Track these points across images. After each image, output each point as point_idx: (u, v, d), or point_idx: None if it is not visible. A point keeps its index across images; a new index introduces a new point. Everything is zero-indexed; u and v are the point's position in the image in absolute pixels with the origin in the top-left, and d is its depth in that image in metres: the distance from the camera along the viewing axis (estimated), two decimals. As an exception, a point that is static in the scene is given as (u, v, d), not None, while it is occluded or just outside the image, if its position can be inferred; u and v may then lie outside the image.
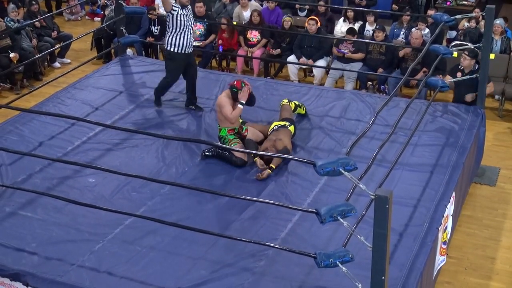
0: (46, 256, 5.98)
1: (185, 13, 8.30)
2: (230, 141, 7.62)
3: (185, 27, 8.30)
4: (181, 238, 6.18)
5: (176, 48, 8.37)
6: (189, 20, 8.35)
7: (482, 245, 7.62)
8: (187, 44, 8.38)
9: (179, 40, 8.33)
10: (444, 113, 8.68)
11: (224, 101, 7.57)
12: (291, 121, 7.99)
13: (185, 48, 8.38)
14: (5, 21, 11.92)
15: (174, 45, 8.35)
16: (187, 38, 8.35)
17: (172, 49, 8.39)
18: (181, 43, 8.34)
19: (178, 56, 8.43)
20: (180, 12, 8.25)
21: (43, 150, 7.77)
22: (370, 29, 11.98)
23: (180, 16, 8.24)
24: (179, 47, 8.36)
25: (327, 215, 4.76)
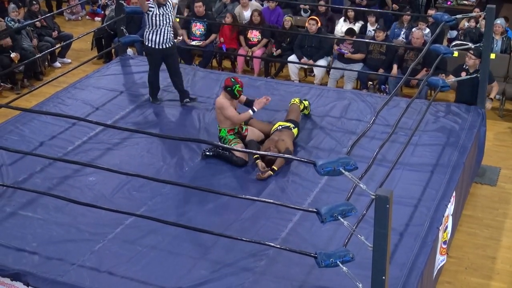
0: (46, 256, 5.98)
1: (161, 12, 8.56)
2: (230, 141, 7.62)
3: (161, 25, 8.59)
4: (182, 237, 6.18)
5: (152, 44, 8.68)
6: (166, 18, 8.60)
7: (482, 244, 7.61)
8: (164, 40, 8.67)
9: (155, 36, 8.65)
10: (445, 112, 8.68)
11: (224, 102, 7.57)
12: (296, 123, 7.99)
13: (161, 44, 8.67)
14: (5, 21, 11.93)
15: (151, 40, 8.68)
16: (163, 35, 8.65)
17: (150, 44, 8.72)
18: (157, 40, 8.65)
19: (155, 51, 8.73)
20: (156, 12, 8.54)
21: (44, 149, 7.77)
22: (371, 29, 11.97)
23: (156, 16, 8.54)
24: (155, 43, 8.67)
25: (328, 215, 4.76)
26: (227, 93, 7.64)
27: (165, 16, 8.58)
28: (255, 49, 12.04)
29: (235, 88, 7.62)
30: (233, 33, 12.20)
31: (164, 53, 8.74)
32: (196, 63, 12.31)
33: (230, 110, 7.55)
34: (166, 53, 8.77)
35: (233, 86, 7.61)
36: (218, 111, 7.66)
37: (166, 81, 9.65)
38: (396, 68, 10.98)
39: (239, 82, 7.68)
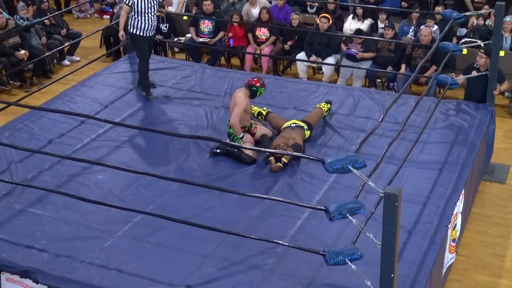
0: (55, 253, 6.00)
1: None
2: (240, 138, 7.63)
3: (145, 12, 8.64)
4: (190, 235, 6.18)
5: (139, 31, 8.75)
6: (150, 5, 8.65)
7: (491, 243, 7.59)
8: (148, 28, 8.76)
9: (141, 23, 8.71)
10: (454, 110, 8.66)
11: (242, 100, 7.57)
12: (311, 127, 7.99)
13: (145, 31, 8.76)
14: (14, 19, 11.96)
15: (137, 27, 8.75)
16: (148, 22, 8.71)
17: (136, 31, 8.79)
18: (142, 26, 8.72)
19: (140, 38, 8.80)
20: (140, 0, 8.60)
21: (53, 147, 7.79)
22: (382, 26, 11.94)
23: (139, 2, 8.60)
24: (140, 29, 8.74)
25: (336, 213, 4.75)
26: (249, 91, 7.67)
27: (149, 3, 8.64)
28: (263, 47, 12.04)
29: (259, 90, 7.69)
30: (241, 30, 12.19)
31: (148, 40, 8.86)
32: (204, 60, 12.31)
33: (240, 112, 7.53)
34: (149, 41, 8.89)
35: (259, 88, 7.68)
36: (232, 105, 7.66)
37: (175, 78, 9.68)
38: (404, 67, 10.96)
39: (265, 86, 7.79)
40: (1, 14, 11.41)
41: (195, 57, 12.27)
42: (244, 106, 7.57)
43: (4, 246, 6.09)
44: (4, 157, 7.54)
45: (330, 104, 8.60)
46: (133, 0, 8.63)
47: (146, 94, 9.04)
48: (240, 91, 7.69)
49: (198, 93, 9.30)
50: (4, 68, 11.28)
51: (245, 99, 7.60)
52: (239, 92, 7.68)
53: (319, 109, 8.37)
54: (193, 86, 9.52)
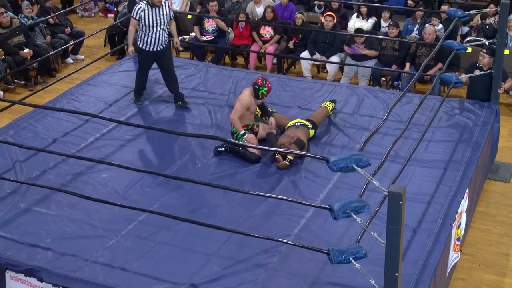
0: (60, 252, 6.01)
1: (154, 13, 8.43)
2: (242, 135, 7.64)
3: (153, 26, 8.45)
4: (194, 234, 6.19)
5: (144, 45, 8.60)
6: (158, 20, 8.47)
7: (496, 241, 7.58)
8: (156, 42, 8.56)
9: (147, 38, 8.53)
10: (458, 109, 8.65)
11: (245, 98, 7.57)
12: (315, 126, 8.00)
13: (152, 46, 8.57)
14: (19, 18, 11.98)
15: (142, 41, 8.59)
16: (155, 37, 8.52)
17: (141, 45, 8.64)
18: (149, 41, 8.55)
19: (145, 53, 8.65)
20: (147, 13, 8.41)
21: (57, 146, 7.81)
22: (385, 26, 11.92)
23: (148, 17, 8.41)
24: (146, 43, 8.58)
25: (340, 211, 4.75)
26: (253, 90, 7.65)
27: (157, 18, 8.47)
28: (267, 46, 12.03)
29: (261, 90, 7.61)
30: (246, 29, 12.19)
31: (155, 55, 8.67)
32: (208, 59, 12.32)
33: (241, 108, 7.54)
34: (158, 55, 8.69)
35: (260, 87, 7.60)
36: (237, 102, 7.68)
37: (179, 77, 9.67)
38: (408, 66, 10.94)
39: (268, 86, 7.65)
40: (6, 13, 11.42)
41: (199, 56, 12.28)
42: (246, 103, 7.57)
43: (9, 244, 6.10)
44: (8, 156, 7.55)
45: (334, 103, 8.60)
46: (140, 14, 8.45)
47: (135, 99, 8.95)
48: (247, 90, 7.70)
49: (202, 92, 9.30)
50: (9, 67, 11.30)
51: (249, 97, 7.60)
52: (246, 91, 7.69)
53: (324, 108, 8.37)
54: (197, 85, 9.53)
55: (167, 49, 8.79)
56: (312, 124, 7.93)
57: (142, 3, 8.50)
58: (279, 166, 7.36)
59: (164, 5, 8.55)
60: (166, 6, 8.59)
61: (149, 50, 8.59)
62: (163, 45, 8.62)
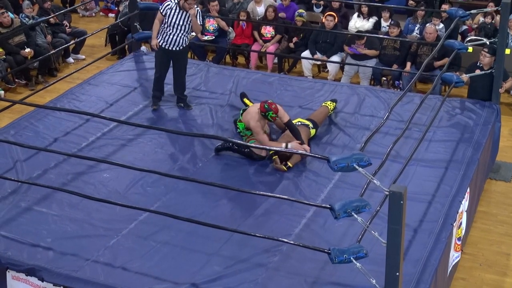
0: (61, 251, 6.01)
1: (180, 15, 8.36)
2: (248, 136, 7.63)
3: (174, 26, 8.39)
4: (195, 233, 6.19)
5: (162, 42, 8.55)
6: (182, 22, 8.40)
7: (497, 241, 7.58)
8: (174, 43, 8.50)
9: (166, 36, 8.49)
10: (459, 108, 8.64)
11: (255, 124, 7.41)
12: (316, 125, 7.99)
13: (170, 44, 8.51)
14: (20, 18, 11.99)
15: (162, 37, 8.54)
16: (174, 38, 8.47)
17: (159, 41, 8.58)
18: (167, 39, 8.49)
19: (161, 49, 8.59)
20: (173, 12, 8.36)
21: (58, 145, 7.81)
22: (385, 25, 11.92)
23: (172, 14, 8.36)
24: (165, 42, 8.52)
25: (341, 211, 4.75)
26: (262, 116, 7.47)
27: (182, 21, 8.38)
28: (268, 45, 12.03)
29: (269, 114, 7.40)
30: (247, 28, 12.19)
31: (171, 54, 8.60)
32: (209, 59, 12.32)
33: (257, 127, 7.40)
34: (174, 55, 8.62)
35: (266, 113, 7.40)
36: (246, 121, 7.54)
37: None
38: (409, 65, 10.94)
39: (273, 109, 7.38)
40: (7, 13, 11.42)
41: (200, 55, 12.28)
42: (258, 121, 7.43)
43: (10, 244, 6.10)
44: (9, 156, 7.55)
45: (335, 102, 8.59)
46: (167, 11, 8.39)
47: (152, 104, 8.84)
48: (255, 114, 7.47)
49: (203, 91, 9.30)
50: (10, 66, 11.31)
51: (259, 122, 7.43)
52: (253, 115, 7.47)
53: (324, 108, 8.37)
54: (198, 84, 9.52)
55: (185, 52, 8.75)
56: (313, 124, 7.93)
57: (173, 1, 8.43)
58: (276, 168, 7.35)
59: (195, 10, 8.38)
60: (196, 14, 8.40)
61: (165, 48, 8.55)
62: (180, 47, 8.55)
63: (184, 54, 8.80)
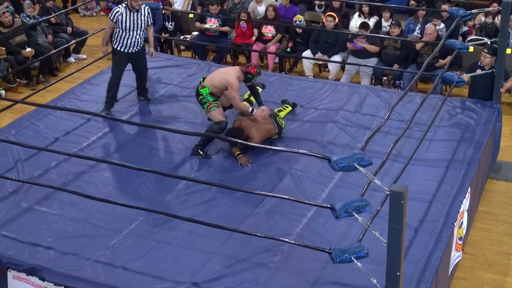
0: (62, 251, 6.01)
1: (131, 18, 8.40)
2: (210, 102, 7.71)
3: (129, 29, 8.43)
4: (196, 233, 6.19)
5: (119, 46, 8.57)
6: (135, 24, 8.44)
7: (498, 241, 7.58)
8: (131, 45, 8.54)
9: (122, 40, 8.51)
10: (460, 108, 8.64)
11: (235, 83, 7.57)
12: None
13: (128, 47, 8.55)
14: (21, 17, 11.99)
15: (118, 42, 8.56)
16: (131, 40, 8.51)
17: (115, 45, 8.61)
18: (124, 42, 8.51)
19: (119, 53, 8.62)
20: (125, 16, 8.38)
21: (59, 145, 7.81)
22: (386, 25, 11.91)
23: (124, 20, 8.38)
24: (122, 45, 8.54)
25: (342, 211, 4.75)
26: (244, 76, 7.66)
27: (135, 22, 8.43)
28: (269, 45, 12.03)
29: (254, 79, 7.71)
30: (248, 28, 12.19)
31: (130, 57, 8.64)
32: (210, 58, 12.31)
33: (236, 96, 7.60)
34: (132, 57, 8.67)
35: (254, 77, 7.67)
36: (223, 82, 7.63)
37: (180, 76, 9.69)
38: None
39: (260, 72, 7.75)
40: (8, 13, 11.42)
41: (201, 55, 12.28)
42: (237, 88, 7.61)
43: (11, 243, 6.11)
44: (10, 155, 7.56)
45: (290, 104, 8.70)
46: (118, 17, 8.43)
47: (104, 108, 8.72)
48: (234, 73, 7.66)
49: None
50: (11, 66, 11.31)
51: (238, 82, 7.61)
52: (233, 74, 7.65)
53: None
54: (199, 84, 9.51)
55: (143, 51, 8.80)
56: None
57: (121, 6, 8.47)
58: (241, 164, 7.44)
59: (142, 10, 8.52)
60: (145, 11, 8.55)
61: (123, 51, 8.58)
62: (137, 48, 8.62)
63: (142, 53, 8.84)
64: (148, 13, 8.62)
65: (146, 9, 8.58)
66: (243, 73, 7.67)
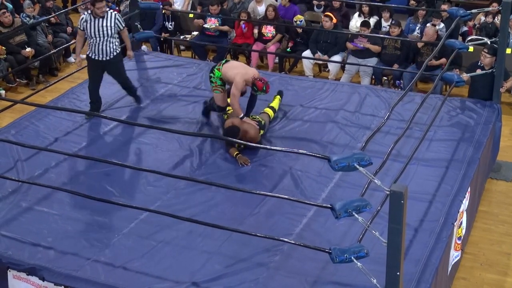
0: (61, 251, 6.01)
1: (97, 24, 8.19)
2: (216, 84, 7.97)
3: (96, 37, 8.22)
4: (196, 232, 6.19)
5: (90, 53, 8.39)
6: (102, 31, 8.20)
7: (498, 240, 7.58)
8: (100, 53, 8.31)
9: (92, 47, 8.32)
10: (460, 108, 8.64)
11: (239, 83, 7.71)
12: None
13: (97, 55, 8.33)
14: (21, 17, 11.99)
15: (90, 49, 8.38)
16: (99, 47, 8.28)
17: (88, 53, 8.45)
18: (94, 50, 8.31)
19: (91, 60, 8.45)
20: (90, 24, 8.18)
21: (59, 145, 7.81)
22: (386, 25, 11.91)
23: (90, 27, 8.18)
24: (93, 52, 8.35)
25: (342, 210, 4.76)
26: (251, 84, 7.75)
27: (100, 29, 8.19)
28: (269, 45, 12.03)
29: (257, 92, 7.82)
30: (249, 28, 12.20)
31: (101, 64, 8.40)
32: (210, 58, 12.32)
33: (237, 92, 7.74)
34: (104, 65, 8.42)
35: (257, 91, 7.79)
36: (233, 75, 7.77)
37: (180, 76, 9.69)
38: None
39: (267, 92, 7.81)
40: (7, 12, 11.43)
41: (201, 55, 12.28)
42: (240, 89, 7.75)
43: (11, 243, 6.11)
44: (10, 155, 7.56)
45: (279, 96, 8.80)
46: (83, 24, 8.24)
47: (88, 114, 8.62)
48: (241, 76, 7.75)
49: (204, 90, 9.29)
50: (11, 66, 11.31)
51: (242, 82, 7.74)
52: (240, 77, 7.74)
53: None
54: (199, 83, 9.52)
55: (116, 61, 8.48)
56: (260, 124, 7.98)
57: (86, 13, 8.29)
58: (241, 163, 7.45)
59: (109, 16, 8.23)
60: (111, 17, 8.25)
61: (94, 59, 8.39)
62: (109, 56, 8.35)
63: (115, 66, 8.51)
64: (116, 19, 8.30)
65: (113, 15, 8.27)
66: (253, 81, 7.72)
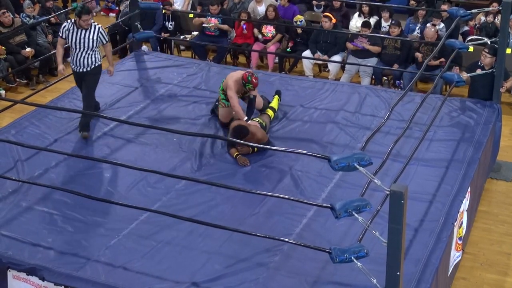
0: (62, 251, 6.01)
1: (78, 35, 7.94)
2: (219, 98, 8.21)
3: (76, 48, 8.00)
4: (196, 233, 6.19)
5: (71, 63, 8.19)
6: (82, 43, 7.96)
7: (498, 240, 7.58)
8: (79, 64, 8.07)
9: (72, 57, 8.12)
10: (460, 108, 8.64)
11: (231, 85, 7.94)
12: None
13: (76, 66, 8.11)
14: (20, 17, 11.99)
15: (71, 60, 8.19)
16: (78, 58, 8.04)
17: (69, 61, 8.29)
18: (73, 60, 8.10)
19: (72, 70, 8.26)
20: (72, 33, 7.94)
21: (59, 145, 7.81)
22: (386, 25, 11.92)
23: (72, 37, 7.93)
24: (72, 63, 8.15)
25: (342, 210, 4.75)
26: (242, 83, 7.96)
27: (81, 40, 7.93)
28: (269, 45, 12.03)
29: (246, 86, 7.93)
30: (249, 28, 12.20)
31: (80, 75, 8.16)
32: (210, 58, 12.32)
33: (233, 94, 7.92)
34: (82, 76, 8.16)
35: (245, 84, 7.92)
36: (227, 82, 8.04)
37: (180, 76, 9.69)
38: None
39: (254, 83, 7.89)
40: (8, 13, 11.43)
41: (201, 55, 12.28)
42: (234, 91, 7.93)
43: (11, 243, 6.10)
44: (10, 155, 7.56)
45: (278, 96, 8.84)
46: (65, 32, 7.99)
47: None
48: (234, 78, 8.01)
49: (204, 90, 9.30)
50: (11, 66, 11.32)
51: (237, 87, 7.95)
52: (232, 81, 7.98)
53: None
54: (199, 83, 9.52)
55: (93, 72, 8.18)
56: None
57: (69, 21, 8.06)
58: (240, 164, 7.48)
59: (92, 29, 7.98)
60: (95, 30, 7.99)
61: (73, 69, 8.21)
62: (88, 68, 8.10)
63: (90, 76, 8.20)
64: (100, 33, 8.04)
65: (97, 28, 8.01)
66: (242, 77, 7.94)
